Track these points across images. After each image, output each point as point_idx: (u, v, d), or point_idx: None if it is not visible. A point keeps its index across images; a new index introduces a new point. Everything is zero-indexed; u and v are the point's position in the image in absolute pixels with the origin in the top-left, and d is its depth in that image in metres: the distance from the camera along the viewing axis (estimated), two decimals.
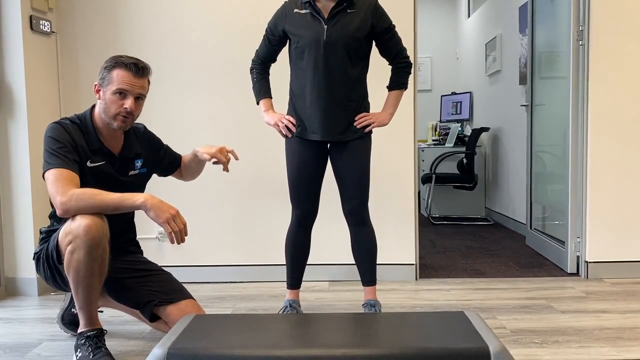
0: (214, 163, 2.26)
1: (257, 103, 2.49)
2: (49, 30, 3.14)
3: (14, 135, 3.00)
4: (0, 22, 2.95)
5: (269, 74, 2.52)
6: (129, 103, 2.03)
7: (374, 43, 2.42)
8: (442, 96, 6.55)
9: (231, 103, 3.24)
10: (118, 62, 2.03)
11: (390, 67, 2.49)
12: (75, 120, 2.09)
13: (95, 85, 2.07)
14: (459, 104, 6.23)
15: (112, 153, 2.13)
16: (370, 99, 2.66)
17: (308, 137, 2.38)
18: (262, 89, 2.48)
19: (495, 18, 5.37)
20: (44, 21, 3.09)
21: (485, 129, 5.35)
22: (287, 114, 2.44)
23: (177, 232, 1.90)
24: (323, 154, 2.44)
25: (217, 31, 3.22)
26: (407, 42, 3.08)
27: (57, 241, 1.96)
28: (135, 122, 2.27)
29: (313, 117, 2.35)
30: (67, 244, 1.89)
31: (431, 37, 7.09)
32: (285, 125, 2.39)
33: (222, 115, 3.25)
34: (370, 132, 2.42)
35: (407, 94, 3.14)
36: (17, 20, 2.94)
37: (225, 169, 2.25)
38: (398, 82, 2.46)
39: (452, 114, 6.30)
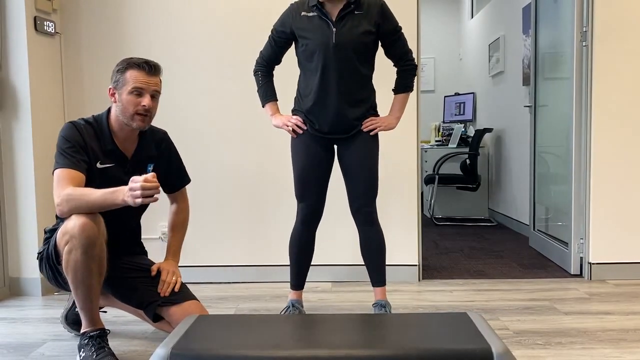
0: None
1: (263, 106, 2.49)
2: (53, 31, 3.15)
3: (18, 136, 3.01)
4: (4, 22, 2.96)
5: (273, 76, 2.53)
6: (146, 101, 2.05)
7: (379, 43, 2.43)
8: (445, 97, 6.54)
9: (236, 103, 3.25)
10: (130, 63, 2.05)
11: (395, 69, 2.50)
12: (90, 121, 2.11)
13: (110, 89, 2.09)
14: (462, 104, 6.22)
15: (125, 156, 2.14)
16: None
17: (316, 134, 2.40)
18: (268, 92, 2.48)
19: (499, 19, 5.37)
20: (48, 22, 3.10)
21: (489, 130, 5.34)
22: (292, 114, 2.45)
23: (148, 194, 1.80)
24: (330, 150, 2.45)
25: (222, 31, 3.22)
26: (410, 43, 3.07)
27: (56, 241, 1.97)
28: (158, 127, 2.29)
29: (322, 116, 2.36)
30: (65, 244, 1.90)
31: (434, 38, 7.09)
32: (295, 124, 2.40)
33: (227, 115, 3.26)
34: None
35: (411, 95, 3.14)
36: (22, 21, 2.95)
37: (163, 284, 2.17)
38: (404, 85, 2.47)
39: (455, 114, 6.29)
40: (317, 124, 2.38)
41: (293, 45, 2.46)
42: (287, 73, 2.77)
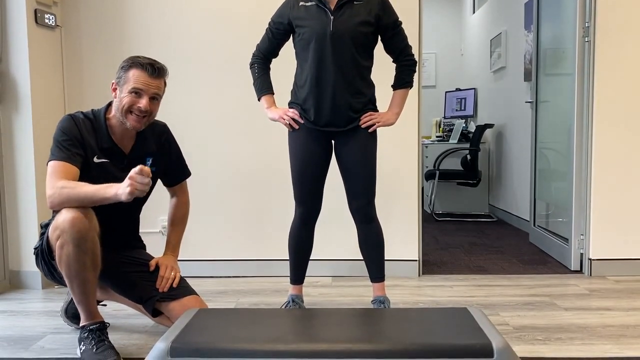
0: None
1: (259, 99, 2.47)
2: (53, 24, 3.14)
3: (18, 129, 3.00)
4: (5, 15, 2.95)
5: (269, 69, 2.50)
6: (143, 102, 2.03)
7: (379, 38, 2.41)
8: (446, 92, 6.53)
9: (236, 98, 3.24)
10: (135, 62, 2.03)
11: (394, 65, 2.48)
12: (89, 116, 2.10)
13: (113, 83, 2.08)
14: (463, 100, 6.21)
15: (122, 152, 2.13)
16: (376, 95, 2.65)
17: (313, 127, 2.38)
18: (264, 85, 2.46)
19: (501, 14, 5.35)
20: (48, 15, 3.09)
21: (490, 126, 5.33)
22: (289, 106, 2.44)
23: (139, 187, 1.80)
24: (328, 147, 2.42)
25: (222, 25, 3.21)
26: (412, 38, 3.07)
27: (47, 236, 1.96)
28: (157, 119, 2.28)
29: (318, 106, 2.33)
30: (56, 239, 1.90)
31: (436, 33, 7.07)
32: (291, 118, 2.38)
33: (227, 109, 3.25)
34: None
35: (412, 90, 3.13)
36: (22, 14, 2.94)
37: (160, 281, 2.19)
38: (403, 81, 2.43)
39: (456, 110, 6.29)
40: (313, 116, 2.34)
41: (291, 39, 2.44)
42: (285, 67, 2.77)
